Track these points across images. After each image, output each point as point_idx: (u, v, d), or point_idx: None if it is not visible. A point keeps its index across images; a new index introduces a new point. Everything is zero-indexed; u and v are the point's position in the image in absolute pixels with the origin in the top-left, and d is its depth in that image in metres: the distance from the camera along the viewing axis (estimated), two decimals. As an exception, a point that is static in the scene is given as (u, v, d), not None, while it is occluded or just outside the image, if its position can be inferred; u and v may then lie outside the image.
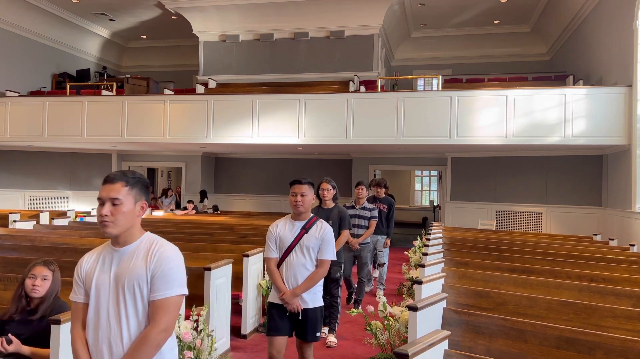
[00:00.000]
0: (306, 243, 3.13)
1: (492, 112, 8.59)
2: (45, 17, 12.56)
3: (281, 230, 3.22)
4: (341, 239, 4.64)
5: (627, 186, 7.91)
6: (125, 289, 1.77)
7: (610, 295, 3.46)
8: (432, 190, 17.10)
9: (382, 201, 6.59)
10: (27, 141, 10.86)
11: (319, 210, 4.70)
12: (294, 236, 3.16)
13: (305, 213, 3.22)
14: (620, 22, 8.21)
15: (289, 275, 3.13)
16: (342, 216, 4.71)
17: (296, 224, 3.21)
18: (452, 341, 2.66)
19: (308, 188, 3.20)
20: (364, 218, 5.81)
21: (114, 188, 1.81)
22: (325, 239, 3.16)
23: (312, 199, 3.21)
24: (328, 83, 11.70)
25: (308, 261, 3.13)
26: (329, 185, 4.72)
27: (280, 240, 3.19)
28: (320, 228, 3.18)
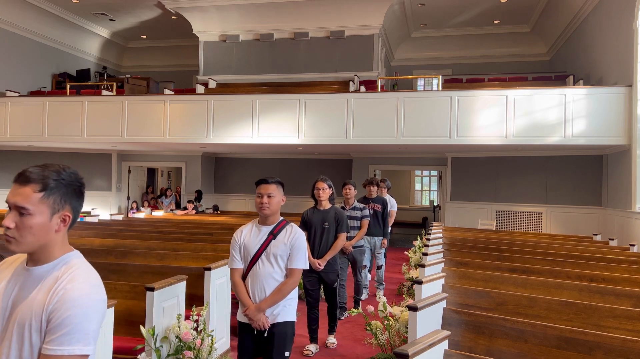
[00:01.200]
0: (274, 251, 2.78)
1: (492, 112, 8.59)
2: (45, 17, 12.56)
3: (246, 236, 2.88)
4: (338, 244, 4.41)
5: (627, 187, 7.91)
6: (15, 325, 1.31)
7: (610, 295, 3.46)
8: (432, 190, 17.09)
9: (375, 201, 6.35)
10: (27, 141, 10.86)
11: (314, 211, 4.50)
12: (260, 243, 2.81)
13: (272, 217, 2.86)
14: (620, 22, 8.21)
15: (255, 287, 2.78)
16: (339, 218, 4.44)
17: (263, 229, 2.85)
18: (452, 341, 2.66)
19: (276, 188, 2.85)
20: (355, 219, 5.49)
21: (23, 193, 1.32)
22: (295, 245, 2.80)
23: (281, 201, 2.87)
24: (328, 83, 11.70)
25: (276, 271, 2.78)
26: (325, 184, 4.47)
27: (245, 247, 2.85)
28: (290, 233, 2.83)
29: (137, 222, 8.63)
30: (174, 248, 5.48)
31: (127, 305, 3.55)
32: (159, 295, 3.34)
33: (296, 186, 12.16)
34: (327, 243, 4.40)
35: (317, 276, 4.36)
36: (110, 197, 12.90)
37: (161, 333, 3.34)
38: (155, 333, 3.26)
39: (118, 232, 6.93)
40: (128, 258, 4.95)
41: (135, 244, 5.71)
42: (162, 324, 3.37)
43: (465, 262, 4.73)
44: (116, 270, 4.29)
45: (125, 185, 13.29)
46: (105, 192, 12.90)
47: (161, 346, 3.29)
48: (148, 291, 3.30)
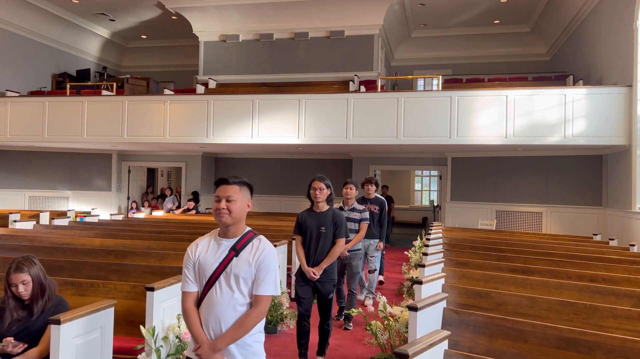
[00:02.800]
0: (235, 272, 2.18)
1: (492, 112, 8.59)
2: (45, 17, 12.57)
3: (202, 251, 2.26)
4: (335, 250, 3.97)
5: (627, 187, 7.91)
6: None
7: (610, 294, 3.46)
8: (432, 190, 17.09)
9: (372, 202, 6.06)
10: (27, 141, 10.86)
11: (309, 213, 4.05)
12: (218, 262, 2.20)
13: (235, 227, 2.25)
14: (620, 22, 8.21)
15: (210, 318, 2.18)
16: (337, 221, 3.98)
17: (223, 243, 2.24)
18: (452, 341, 2.66)
19: (239, 190, 2.25)
20: (353, 221, 5.15)
21: None
22: (263, 265, 2.18)
23: (246, 206, 2.28)
24: (328, 83, 11.70)
25: (238, 298, 2.17)
26: (322, 183, 3.99)
27: (200, 266, 2.23)
28: (257, 249, 2.22)
29: (137, 222, 8.63)
30: (174, 248, 5.47)
31: (127, 305, 3.55)
32: (159, 295, 3.34)
33: (296, 187, 12.18)
34: (323, 249, 3.95)
35: (312, 285, 3.95)
36: (110, 197, 12.90)
37: (161, 333, 3.34)
38: (155, 333, 3.26)
39: (118, 232, 6.93)
40: (128, 258, 4.95)
41: (135, 244, 5.71)
42: (162, 324, 3.37)
43: (465, 262, 4.73)
44: (116, 270, 4.29)
45: (125, 185, 13.29)
46: (105, 192, 12.90)
47: (161, 346, 3.29)
48: (148, 291, 3.30)
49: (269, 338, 4.77)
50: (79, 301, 3.44)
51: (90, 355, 2.90)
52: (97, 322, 2.96)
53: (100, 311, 2.98)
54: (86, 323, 2.87)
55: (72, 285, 3.65)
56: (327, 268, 3.95)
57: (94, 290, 3.62)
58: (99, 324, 2.98)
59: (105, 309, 3.03)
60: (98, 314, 2.95)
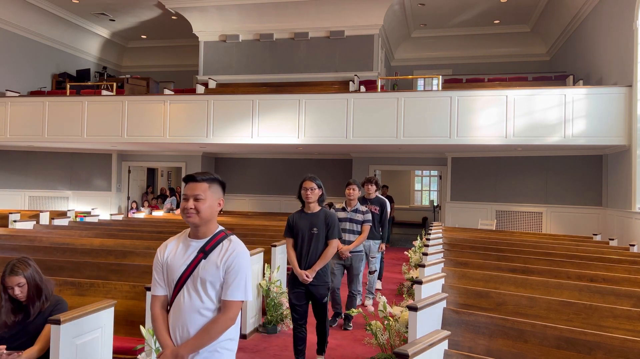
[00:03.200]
0: (202, 275, 2.06)
1: (492, 112, 8.59)
2: (45, 17, 12.56)
3: (171, 253, 2.16)
4: (328, 252, 3.85)
5: (627, 186, 7.91)
6: None
7: (610, 294, 3.46)
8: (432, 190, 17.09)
9: (372, 202, 5.97)
10: (27, 141, 10.86)
11: (301, 215, 3.94)
12: (186, 264, 2.10)
13: (204, 227, 2.13)
14: (620, 22, 8.21)
15: (177, 324, 2.08)
16: (329, 222, 3.86)
17: (192, 245, 2.14)
18: (452, 341, 2.66)
19: (208, 189, 2.12)
20: (356, 222, 5.10)
21: None
22: (232, 268, 2.06)
23: (216, 205, 2.15)
24: (328, 83, 11.70)
25: (206, 303, 2.06)
26: (314, 183, 3.88)
27: (169, 269, 2.14)
28: (227, 251, 2.10)
29: (137, 222, 8.63)
30: (174, 248, 5.46)
31: (127, 305, 3.55)
32: (159, 295, 3.34)
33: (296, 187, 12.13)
34: (316, 251, 3.84)
35: (305, 289, 3.84)
36: (110, 197, 12.90)
37: (161, 333, 3.34)
38: (155, 333, 3.25)
39: (118, 232, 6.93)
40: (128, 258, 4.95)
41: (135, 244, 5.71)
42: (162, 324, 3.36)
43: (465, 262, 4.73)
44: (116, 270, 4.29)
45: (125, 185, 13.29)
46: (105, 192, 12.90)
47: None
48: (148, 291, 3.30)
49: (269, 338, 4.77)
50: (79, 301, 3.44)
51: (90, 355, 2.90)
52: (97, 322, 2.96)
53: (100, 311, 2.98)
54: (86, 323, 2.86)
55: (72, 285, 3.65)
56: (320, 271, 3.83)
57: (94, 290, 3.61)
58: (99, 324, 2.98)
59: (105, 309, 3.03)
60: (98, 314, 2.95)
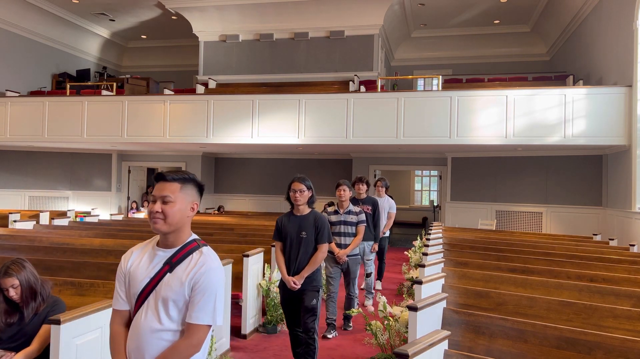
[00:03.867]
0: (164, 292, 1.75)
1: (492, 112, 8.59)
2: (45, 17, 12.56)
3: (135, 262, 1.87)
4: (317, 257, 3.67)
5: (627, 186, 7.91)
6: None
7: (610, 295, 3.46)
8: (432, 190, 17.09)
9: (364, 202, 5.84)
10: (27, 141, 10.86)
11: (289, 217, 3.76)
12: (150, 277, 1.79)
13: (174, 235, 1.83)
14: (620, 22, 8.21)
15: (133, 346, 1.79)
16: (319, 225, 3.67)
17: (159, 254, 1.84)
18: (452, 341, 2.66)
19: (179, 190, 1.81)
20: (350, 224, 4.93)
21: None
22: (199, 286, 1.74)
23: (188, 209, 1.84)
24: (328, 83, 11.70)
25: (166, 325, 1.75)
26: (303, 184, 3.68)
27: (131, 279, 1.84)
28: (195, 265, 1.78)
29: (137, 222, 8.63)
30: (174, 248, 5.46)
31: (127, 305, 3.54)
32: (159, 295, 3.33)
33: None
34: (305, 256, 3.67)
35: (294, 295, 3.70)
36: (110, 197, 12.90)
37: (161, 333, 3.34)
38: (155, 333, 3.25)
39: (118, 232, 6.93)
40: (128, 258, 4.93)
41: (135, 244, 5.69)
42: (162, 324, 3.36)
43: (465, 262, 4.72)
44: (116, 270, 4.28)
45: (125, 185, 13.29)
46: (105, 192, 12.90)
47: (161, 346, 3.29)
48: (148, 291, 3.30)
49: (269, 338, 4.77)
50: (79, 301, 3.43)
51: (90, 355, 2.90)
52: (97, 322, 2.96)
53: (100, 311, 2.98)
54: (86, 323, 2.86)
55: (72, 285, 3.65)
56: (309, 276, 3.66)
57: (94, 290, 3.61)
58: (99, 324, 2.97)
59: (105, 309, 3.03)
60: (98, 314, 2.95)
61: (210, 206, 12.83)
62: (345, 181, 5.07)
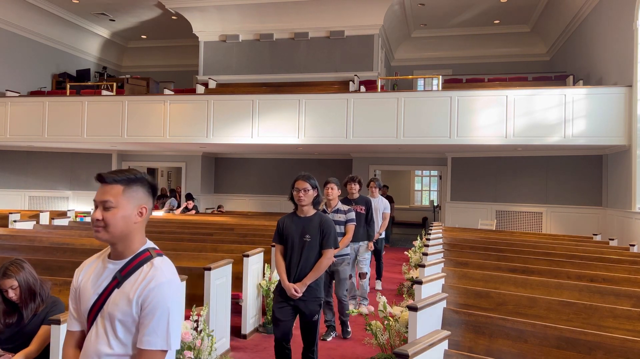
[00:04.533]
0: (111, 310, 1.52)
1: (492, 112, 8.59)
2: (45, 17, 12.56)
3: (85, 277, 1.63)
4: (322, 263, 3.36)
5: (627, 186, 7.91)
6: None
7: (610, 295, 3.45)
8: (432, 190, 17.09)
9: (357, 202, 5.65)
10: (27, 141, 10.86)
11: (292, 219, 3.46)
12: (98, 293, 1.57)
13: (122, 244, 1.59)
14: (620, 22, 8.21)
15: None
16: (325, 228, 3.39)
17: (109, 267, 1.60)
18: (452, 341, 2.66)
19: (122, 192, 1.56)
20: (338, 224, 4.67)
21: None
22: (149, 304, 1.50)
23: (135, 215, 1.58)
24: (328, 83, 11.70)
25: (115, 349, 1.53)
26: (307, 183, 3.39)
27: (81, 295, 1.61)
28: (144, 280, 1.53)
29: (137, 222, 8.60)
30: (174, 248, 5.47)
31: (127, 305, 3.54)
32: (159, 295, 3.33)
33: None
34: (307, 261, 3.35)
35: (293, 304, 3.33)
36: (110, 197, 12.88)
37: (161, 333, 3.33)
38: (155, 333, 3.25)
39: (118, 232, 6.91)
40: (128, 258, 4.93)
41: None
42: (162, 324, 3.35)
43: (465, 262, 4.72)
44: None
45: (125, 185, 13.26)
46: (105, 192, 12.87)
47: (161, 346, 3.28)
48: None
49: (269, 338, 4.77)
50: (79, 301, 3.43)
51: (90, 355, 2.90)
52: (97, 322, 2.95)
53: (100, 311, 2.97)
54: (86, 323, 2.86)
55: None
56: (311, 285, 3.34)
57: (94, 290, 3.60)
58: (99, 324, 2.97)
59: (105, 310, 3.03)
60: (98, 314, 2.95)
61: (210, 206, 12.83)
62: (333, 179, 4.87)
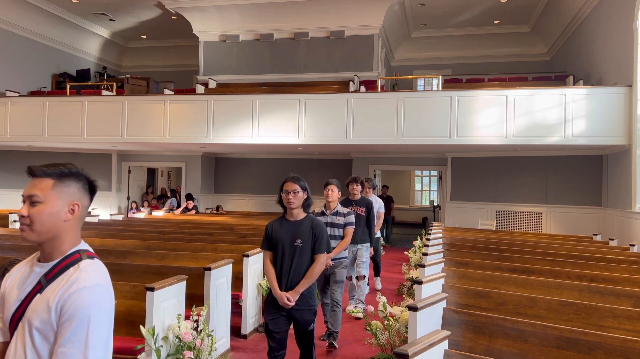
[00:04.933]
0: (30, 317, 1.37)
1: (492, 112, 8.59)
2: (45, 17, 12.56)
3: (12, 281, 1.49)
4: (315, 269, 3.17)
5: (627, 186, 7.91)
6: None
7: (610, 295, 3.46)
8: (432, 190, 17.09)
9: (358, 204, 5.49)
10: (27, 141, 10.86)
11: (282, 222, 3.26)
12: (21, 299, 1.42)
13: (50, 244, 1.44)
14: (620, 22, 8.21)
15: None
16: (316, 232, 3.19)
17: (35, 270, 1.45)
18: (452, 341, 2.66)
19: (52, 187, 1.44)
20: (337, 227, 4.57)
21: None
22: (67, 311, 1.34)
23: (65, 212, 1.44)
24: (328, 83, 11.70)
25: None
26: (297, 185, 3.19)
27: (6, 302, 1.46)
28: (66, 283, 1.38)
29: (137, 222, 8.63)
30: (174, 248, 5.48)
31: (127, 305, 3.55)
32: (159, 295, 3.34)
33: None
34: (299, 268, 3.16)
35: (286, 314, 3.16)
36: (110, 197, 12.90)
37: (161, 333, 3.34)
38: (155, 333, 3.26)
39: (118, 232, 6.93)
40: (128, 258, 4.95)
41: (135, 244, 5.71)
42: (162, 324, 3.37)
43: (465, 262, 4.72)
44: (116, 270, 4.29)
45: (125, 185, 13.29)
46: (105, 192, 12.90)
47: (161, 346, 3.29)
48: (148, 291, 3.30)
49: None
50: (79, 301, 3.43)
51: (90, 355, 2.90)
52: (97, 322, 2.95)
53: (100, 311, 2.97)
54: (86, 323, 2.86)
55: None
56: (304, 293, 3.15)
57: (94, 290, 3.60)
58: (99, 324, 2.97)
59: (105, 310, 3.03)
60: (98, 314, 2.95)
61: (209, 207, 12.83)
62: (334, 180, 4.73)
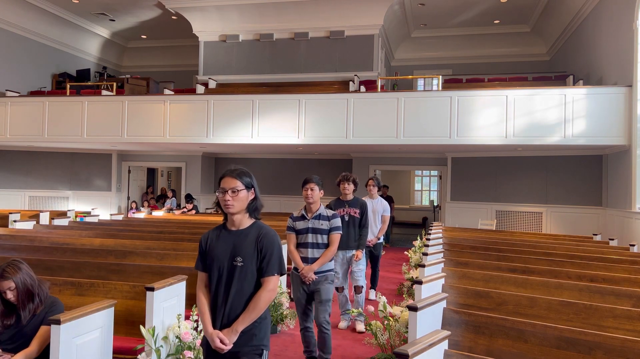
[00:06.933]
0: None
1: (492, 112, 8.59)
2: (45, 17, 12.56)
3: None
4: (260, 298, 2.27)
5: (627, 186, 7.91)
6: None
7: (610, 295, 3.45)
8: (432, 190, 17.09)
9: (351, 205, 4.99)
10: (27, 141, 10.86)
11: (220, 232, 2.44)
12: None
13: None
14: (620, 22, 8.21)
15: None
16: (264, 245, 2.34)
17: None
18: (452, 341, 2.66)
19: None
20: (320, 233, 3.83)
21: None
22: None
23: None
24: (328, 83, 11.70)
25: None
26: (238, 181, 2.54)
27: None
28: None
29: (137, 222, 8.62)
30: (174, 248, 5.47)
31: (127, 305, 3.55)
32: (159, 295, 3.34)
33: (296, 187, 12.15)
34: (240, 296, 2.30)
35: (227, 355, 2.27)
36: (110, 197, 12.90)
37: (161, 333, 3.34)
38: (155, 333, 3.26)
39: (118, 232, 6.92)
40: (128, 258, 4.95)
41: (135, 244, 5.71)
42: (162, 324, 3.37)
43: (465, 262, 4.72)
44: (116, 270, 4.29)
45: (125, 185, 13.29)
46: (105, 192, 12.90)
47: (161, 346, 3.29)
48: (148, 291, 3.30)
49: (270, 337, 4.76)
50: (79, 301, 3.44)
51: (90, 355, 2.90)
52: (97, 322, 2.96)
53: (100, 311, 2.98)
54: (86, 323, 2.86)
55: (72, 285, 3.65)
56: (247, 330, 2.27)
57: (94, 290, 3.61)
58: (99, 324, 2.97)
59: (105, 310, 3.03)
60: (98, 314, 2.95)
61: (209, 207, 12.83)
62: (314, 177, 3.92)
